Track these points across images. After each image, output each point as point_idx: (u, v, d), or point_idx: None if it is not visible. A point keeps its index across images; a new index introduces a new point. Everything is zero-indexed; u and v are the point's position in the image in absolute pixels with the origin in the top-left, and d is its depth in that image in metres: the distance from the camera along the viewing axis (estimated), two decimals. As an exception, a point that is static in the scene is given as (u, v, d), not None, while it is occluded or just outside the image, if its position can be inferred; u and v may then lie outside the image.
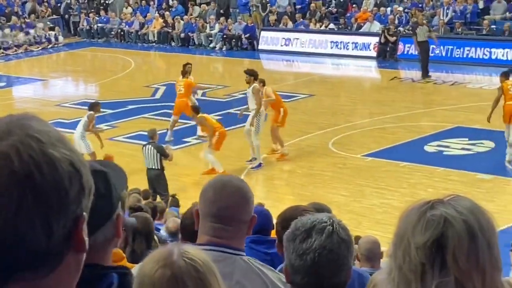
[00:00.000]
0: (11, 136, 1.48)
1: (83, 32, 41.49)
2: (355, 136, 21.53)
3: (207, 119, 19.38)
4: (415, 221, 1.93)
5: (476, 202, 2.00)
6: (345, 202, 16.71)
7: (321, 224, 2.99)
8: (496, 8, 30.90)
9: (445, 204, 1.94)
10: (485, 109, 20.48)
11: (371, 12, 33.60)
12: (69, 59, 38.00)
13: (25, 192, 1.46)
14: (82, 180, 1.55)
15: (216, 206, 3.54)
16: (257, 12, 36.61)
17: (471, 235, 1.88)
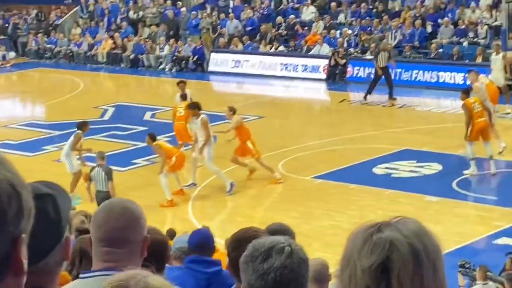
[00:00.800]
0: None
1: (31, 53, 41.22)
2: (305, 158, 21.58)
3: (161, 146, 19.24)
4: (361, 244, 1.94)
5: (422, 225, 2.01)
6: (295, 224, 16.53)
7: (280, 245, 3.01)
8: (443, 32, 31.28)
9: (391, 227, 1.95)
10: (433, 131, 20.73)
11: (320, 35, 33.79)
12: (17, 79, 37.70)
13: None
14: (22, 202, 1.55)
15: (103, 229, 3.52)
16: (207, 34, 36.64)
17: (416, 258, 1.90)
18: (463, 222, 16.97)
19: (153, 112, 27.65)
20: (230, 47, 35.46)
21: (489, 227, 16.62)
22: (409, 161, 20.73)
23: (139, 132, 25.25)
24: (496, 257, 14.31)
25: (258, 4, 37.22)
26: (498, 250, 15.12)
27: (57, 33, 41.59)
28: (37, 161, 22.34)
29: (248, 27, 36.24)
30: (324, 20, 34.63)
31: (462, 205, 17.98)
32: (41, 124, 27.71)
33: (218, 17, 37.34)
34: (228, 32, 36.26)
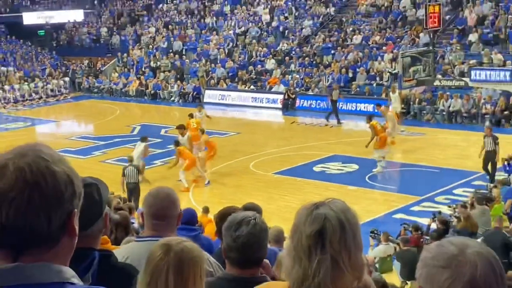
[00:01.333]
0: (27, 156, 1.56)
1: (84, 89, 40.95)
2: (267, 160, 21.58)
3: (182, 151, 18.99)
4: (304, 217, 1.95)
5: (346, 204, 2.02)
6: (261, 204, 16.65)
7: (248, 218, 3.03)
8: (359, 77, 31.44)
9: (325, 206, 1.96)
10: (352, 143, 20.76)
11: (278, 78, 33.85)
12: (75, 107, 37.41)
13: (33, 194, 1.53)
14: (74, 187, 1.60)
15: (153, 208, 3.53)
16: (202, 77, 36.61)
17: (342, 227, 1.90)
18: (372, 203, 17.03)
19: (166, 129, 27.55)
20: (218, 86, 35.44)
21: (390, 207, 16.72)
22: (337, 162, 20.81)
23: (157, 142, 25.17)
24: (394, 227, 14.41)
25: (236, 58, 37.22)
26: (396, 222, 15.21)
27: (102, 75, 41.43)
28: (88, 162, 22.19)
29: (230, 73, 36.21)
30: (281, 68, 34.70)
31: (372, 192, 18.06)
32: (91, 137, 27.54)
33: (210, 66, 37.28)
34: (216, 76, 36.24)
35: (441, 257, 1.63)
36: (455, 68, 27.12)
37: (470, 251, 1.61)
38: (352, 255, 1.90)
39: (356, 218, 1.99)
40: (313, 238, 1.90)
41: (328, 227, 1.90)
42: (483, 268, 1.59)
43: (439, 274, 1.61)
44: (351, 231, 1.92)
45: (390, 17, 34.33)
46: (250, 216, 3.06)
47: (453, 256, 1.62)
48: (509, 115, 25.00)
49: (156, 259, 2.42)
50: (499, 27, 29.64)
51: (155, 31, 43.04)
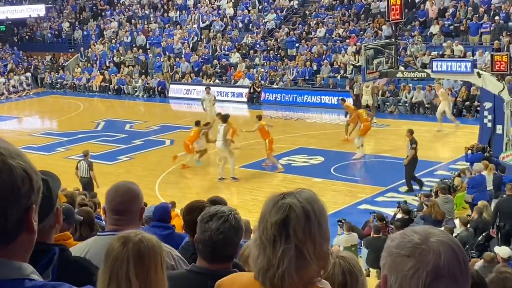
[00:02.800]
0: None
1: (47, 85, 40.37)
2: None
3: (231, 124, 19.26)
4: (271, 206, 1.96)
5: (313, 194, 2.03)
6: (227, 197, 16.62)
7: (221, 213, 2.98)
8: (324, 70, 31.58)
9: (292, 195, 1.97)
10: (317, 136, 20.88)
11: (243, 72, 33.81)
12: (37, 103, 36.86)
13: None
14: (32, 182, 1.56)
15: (113, 203, 3.51)
16: (167, 72, 36.38)
17: (307, 216, 1.91)
18: (337, 195, 17.17)
19: (131, 124, 27.33)
20: (183, 81, 35.26)
21: (355, 198, 16.86)
22: (302, 155, 20.89)
23: (121, 138, 24.98)
24: (359, 217, 14.56)
25: (201, 52, 37.06)
26: (361, 212, 15.36)
27: (65, 71, 40.90)
28: (51, 159, 21.94)
29: (195, 67, 36.05)
30: (246, 62, 34.66)
31: (337, 183, 18.18)
32: (54, 133, 27.18)
33: (174, 60, 37.05)
34: (181, 71, 36.05)
35: (405, 246, 1.65)
36: (417, 60, 27.43)
37: (433, 240, 1.63)
38: (317, 245, 1.91)
39: (323, 208, 2.00)
40: (278, 227, 1.91)
41: (292, 216, 1.91)
42: (447, 256, 1.61)
43: (403, 263, 1.63)
44: (316, 221, 1.93)
45: (352, 9, 34.54)
46: (225, 212, 3.01)
47: (417, 244, 1.64)
48: (470, 106, 25.40)
49: (115, 252, 2.44)
50: (460, 19, 30.07)
51: (118, 26, 42.61)
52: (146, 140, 24.21)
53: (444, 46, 28.66)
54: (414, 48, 28.81)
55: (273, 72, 32.85)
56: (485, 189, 14.36)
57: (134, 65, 38.18)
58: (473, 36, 29.18)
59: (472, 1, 30.53)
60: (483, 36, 28.84)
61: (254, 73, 33.21)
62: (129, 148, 23.22)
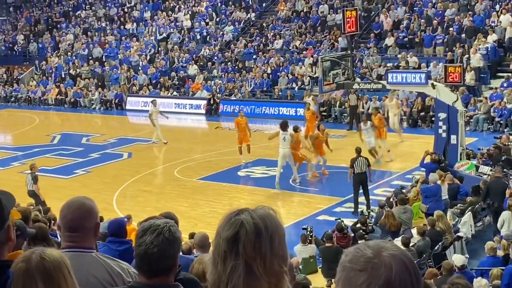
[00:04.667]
0: None
1: (1, 98, 39.66)
2: (192, 166, 21.49)
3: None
4: (224, 223, 1.95)
5: (270, 211, 2.00)
6: (186, 210, 16.61)
7: (154, 227, 2.95)
8: (281, 81, 31.76)
9: (246, 212, 1.96)
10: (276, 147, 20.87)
11: (201, 84, 33.78)
12: (-9, 117, 36.19)
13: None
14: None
15: (65, 220, 3.45)
16: (124, 84, 36.11)
17: (257, 233, 1.90)
18: (296, 206, 17.24)
19: (88, 137, 27.02)
20: (140, 93, 35.04)
21: (313, 209, 16.93)
22: (261, 166, 20.91)
23: (78, 151, 24.67)
24: (318, 228, 14.59)
25: (158, 64, 36.90)
26: (320, 224, 15.42)
27: (19, 84, 40.26)
28: (6, 173, 21.56)
29: (152, 79, 35.87)
30: (203, 74, 34.65)
31: (296, 194, 18.24)
32: (9, 147, 26.69)
33: (131, 73, 36.79)
34: (138, 83, 35.82)
35: (358, 260, 1.66)
36: (372, 71, 27.81)
37: (385, 254, 1.65)
38: (268, 262, 1.89)
39: (277, 226, 1.96)
40: (228, 243, 1.90)
41: (242, 233, 1.90)
42: (398, 270, 1.62)
43: (356, 277, 1.64)
44: (268, 238, 1.90)
45: (309, 22, 34.87)
46: (159, 225, 2.97)
47: (369, 259, 1.64)
48: (425, 116, 25.83)
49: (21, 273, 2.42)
50: (414, 31, 30.62)
51: (74, 38, 42.16)
52: (103, 153, 23.95)
53: (399, 58, 29.14)
54: (369, 60, 29.21)
55: (231, 84, 32.89)
56: (440, 199, 14.58)
57: (91, 77, 37.81)
58: (427, 48, 29.73)
59: (425, 14, 31.13)
60: (437, 48, 29.41)
61: (212, 85, 33.21)
62: (85, 161, 22.93)
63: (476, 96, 26.00)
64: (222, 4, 40.03)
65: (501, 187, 13.94)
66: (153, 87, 35.04)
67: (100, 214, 3.74)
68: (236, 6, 39.03)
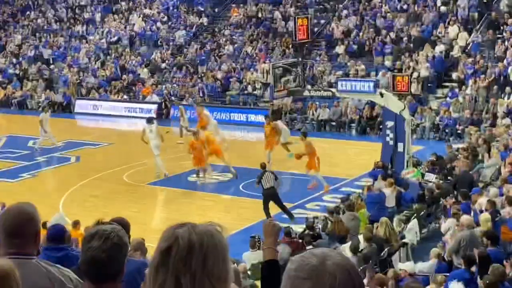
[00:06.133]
0: None
1: None
2: (142, 171, 21.29)
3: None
4: (162, 235, 1.95)
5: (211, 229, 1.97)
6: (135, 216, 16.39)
7: (101, 232, 2.94)
8: (233, 87, 31.81)
9: (185, 227, 1.95)
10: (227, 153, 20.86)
11: (151, 88, 33.54)
12: None
13: None
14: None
15: (4, 227, 3.41)
16: (73, 87, 35.57)
17: (189, 249, 1.88)
18: (246, 211, 17.24)
19: (35, 140, 26.50)
20: (89, 96, 34.60)
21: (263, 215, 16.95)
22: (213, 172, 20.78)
23: (24, 154, 24.20)
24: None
25: (108, 67, 36.49)
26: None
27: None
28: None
29: (102, 82, 35.44)
30: (154, 78, 34.44)
31: (247, 200, 18.27)
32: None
33: (81, 75, 36.28)
34: (87, 86, 35.36)
35: (303, 268, 1.71)
36: (323, 79, 28.13)
37: (330, 262, 1.70)
38: (197, 280, 1.87)
39: (217, 245, 1.93)
40: (161, 255, 1.90)
41: (174, 247, 1.89)
42: (342, 278, 1.68)
43: (301, 285, 1.69)
44: (201, 256, 1.89)
45: (261, 28, 35.05)
46: (106, 230, 2.96)
47: (314, 267, 1.70)
48: (373, 124, 26.26)
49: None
50: (363, 40, 31.11)
51: (21, 39, 41.33)
52: (51, 157, 23.54)
53: (349, 66, 29.55)
54: (320, 67, 29.54)
55: (183, 88, 32.78)
56: (382, 206, 14.78)
57: (38, 79, 37.11)
58: (376, 56, 30.23)
59: (375, 24, 31.67)
60: (385, 57, 29.94)
61: (163, 89, 33.02)
62: (32, 165, 22.50)
63: (423, 105, 26.58)
64: (174, 8, 39.89)
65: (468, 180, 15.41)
66: (103, 90, 34.64)
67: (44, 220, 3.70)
68: (188, 10, 38.95)
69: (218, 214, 16.34)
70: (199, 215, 16.08)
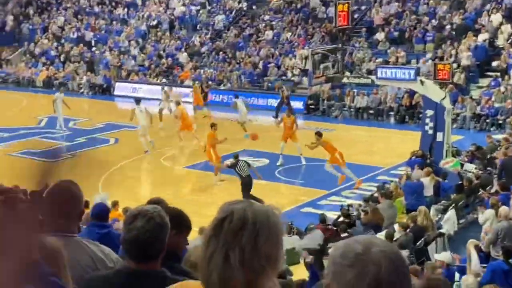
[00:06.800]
0: None
1: (-12, 80, 39.48)
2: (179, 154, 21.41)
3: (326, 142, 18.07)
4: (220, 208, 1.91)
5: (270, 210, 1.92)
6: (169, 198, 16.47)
7: (144, 212, 2.99)
8: (271, 72, 31.73)
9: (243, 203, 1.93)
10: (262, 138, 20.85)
11: (190, 72, 33.66)
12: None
13: None
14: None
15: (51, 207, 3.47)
16: (114, 69, 35.93)
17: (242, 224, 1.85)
18: (281, 198, 17.23)
19: (75, 121, 26.86)
20: (129, 79, 34.89)
21: (298, 201, 16.97)
22: (247, 157, 20.67)
23: (64, 135, 24.57)
24: (302, 220, 14.63)
25: (148, 50, 36.74)
26: (304, 216, 15.46)
27: (8, 66, 39.94)
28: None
29: (141, 65, 35.71)
30: (193, 62, 34.55)
31: (282, 186, 18.26)
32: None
33: (121, 58, 36.62)
34: (127, 68, 35.66)
35: (347, 255, 1.66)
36: (362, 66, 27.84)
37: (374, 250, 1.65)
38: (247, 256, 1.83)
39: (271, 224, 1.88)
40: (214, 227, 1.88)
41: (227, 219, 1.86)
42: (387, 266, 1.63)
43: (345, 272, 1.64)
44: (253, 231, 1.85)
45: (301, 14, 34.81)
46: (148, 210, 3.01)
47: (358, 255, 1.65)
48: (412, 112, 25.91)
49: None
50: (405, 26, 30.65)
51: (64, 21, 41.84)
52: (90, 138, 23.82)
53: (389, 53, 29.17)
54: (360, 54, 29.22)
55: (221, 73, 32.80)
56: (420, 195, 14.61)
57: (80, 61, 37.58)
58: (417, 44, 29.76)
59: (417, 10, 31.16)
60: (427, 45, 29.45)
61: (201, 74, 33.09)
62: (72, 145, 22.80)
63: (464, 94, 26.11)
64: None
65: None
66: (142, 74, 34.89)
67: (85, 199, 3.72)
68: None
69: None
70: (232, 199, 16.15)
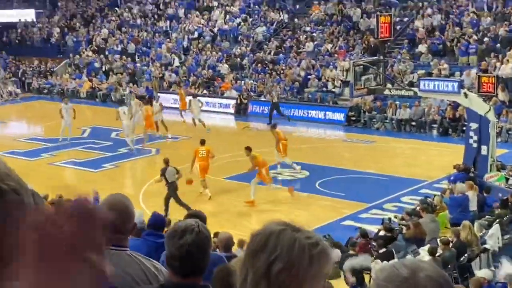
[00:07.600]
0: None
1: (34, 90, 40.15)
2: (219, 165, 21.42)
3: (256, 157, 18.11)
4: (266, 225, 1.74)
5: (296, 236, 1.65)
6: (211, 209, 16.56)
7: (191, 227, 3.00)
8: (311, 84, 31.63)
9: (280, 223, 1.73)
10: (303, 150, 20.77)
11: (231, 83, 33.81)
12: (24, 108, 36.59)
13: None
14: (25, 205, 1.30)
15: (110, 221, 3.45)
16: (156, 80, 36.33)
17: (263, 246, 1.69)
18: (322, 210, 17.11)
19: (117, 132, 27.16)
20: (171, 90, 35.19)
21: (339, 213, 16.82)
22: (289, 168, 20.74)
23: (107, 145, 24.86)
24: (343, 233, 14.49)
25: (189, 62, 37.05)
26: (345, 228, 15.30)
27: (53, 77, 40.72)
28: (36, 164, 21.78)
29: (183, 77, 36.00)
30: (234, 74, 34.68)
31: (322, 198, 18.12)
32: (40, 139, 26.98)
33: (163, 69, 37.00)
34: (169, 80, 35.98)
35: (392, 279, 1.59)
36: (404, 77, 27.54)
37: (422, 275, 1.58)
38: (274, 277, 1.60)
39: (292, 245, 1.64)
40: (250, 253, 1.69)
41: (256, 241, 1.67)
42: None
43: None
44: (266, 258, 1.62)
45: (342, 26, 34.67)
46: (193, 224, 3.02)
47: (405, 279, 1.58)
48: (456, 125, 25.50)
49: None
50: (448, 38, 30.25)
51: (108, 33, 42.53)
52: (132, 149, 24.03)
53: (432, 65, 28.80)
54: (402, 66, 28.93)
55: (261, 84, 32.86)
56: (466, 209, 14.34)
57: (123, 73, 38.10)
58: (461, 56, 29.33)
59: (460, 22, 30.74)
60: (470, 57, 29.00)
61: (241, 85, 33.21)
62: (114, 156, 23.08)
63: (509, 107, 25.59)
64: (255, 4, 40.04)
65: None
66: (184, 85, 35.19)
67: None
68: (269, 7, 39.00)
69: (293, 211, 16.25)
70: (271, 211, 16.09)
